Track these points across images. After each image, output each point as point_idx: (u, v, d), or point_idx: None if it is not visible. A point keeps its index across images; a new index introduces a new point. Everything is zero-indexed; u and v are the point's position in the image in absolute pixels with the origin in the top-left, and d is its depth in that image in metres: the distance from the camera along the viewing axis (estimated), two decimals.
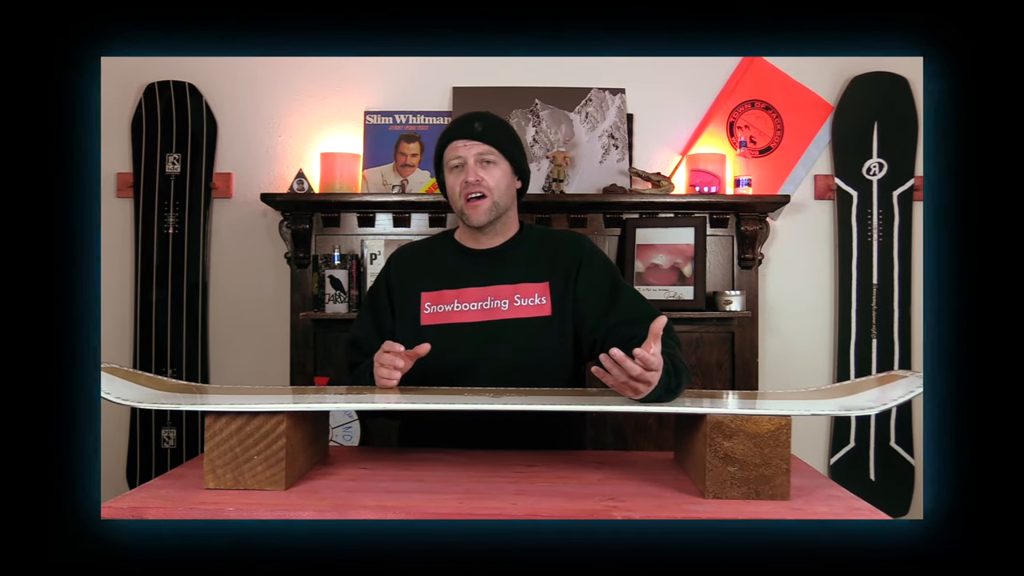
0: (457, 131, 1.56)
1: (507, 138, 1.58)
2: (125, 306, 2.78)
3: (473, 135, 1.54)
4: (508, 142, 1.57)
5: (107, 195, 2.77)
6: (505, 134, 1.59)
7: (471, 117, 1.58)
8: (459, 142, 1.55)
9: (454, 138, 1.56)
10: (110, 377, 1.26)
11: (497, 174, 1.55)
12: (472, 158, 1.53)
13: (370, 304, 1.64)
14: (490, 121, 1.57)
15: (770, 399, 1.34)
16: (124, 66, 2.75)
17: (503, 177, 1.56)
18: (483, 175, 1.53)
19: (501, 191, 1.55)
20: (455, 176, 1.56)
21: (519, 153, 1.60)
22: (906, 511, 2.76)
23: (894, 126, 2.78)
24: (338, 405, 1.28)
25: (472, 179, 1.52)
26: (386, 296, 1.62)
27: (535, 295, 1.55)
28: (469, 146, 1.54)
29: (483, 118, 1.57)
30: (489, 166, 1.54)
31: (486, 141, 1.54)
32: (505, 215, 1.59)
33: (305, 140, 2.81)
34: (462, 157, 1.54)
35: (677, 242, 2.64)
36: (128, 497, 1.14)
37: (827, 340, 2.83)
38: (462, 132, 1.55)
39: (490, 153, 1.54)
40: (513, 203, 1.61)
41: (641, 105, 2.80)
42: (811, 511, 1.11)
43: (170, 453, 2.76)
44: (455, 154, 1.55)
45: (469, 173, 1.53)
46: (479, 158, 1.54)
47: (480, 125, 1.55)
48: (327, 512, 1.08)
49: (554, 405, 1.20)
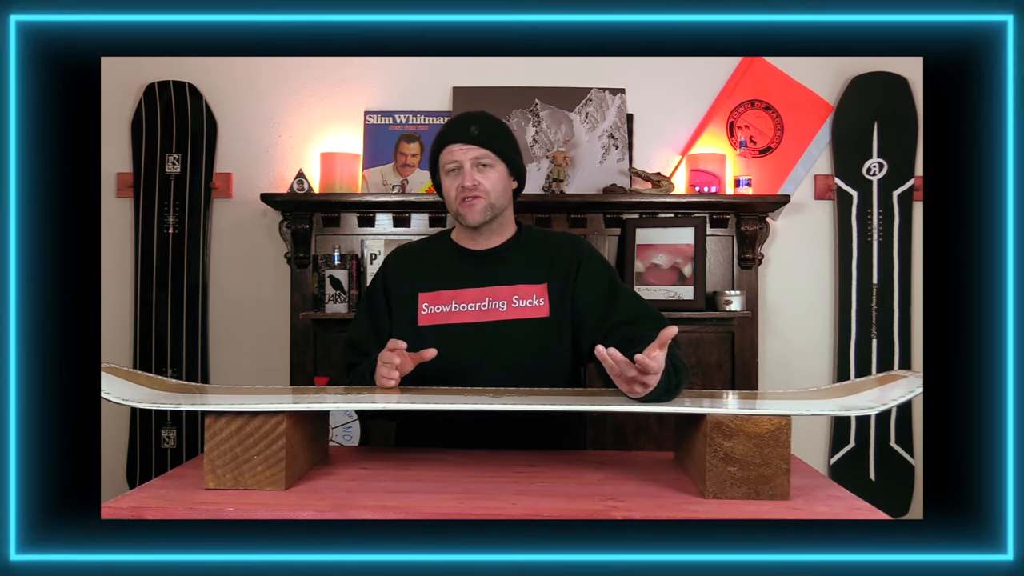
0: (453, 134, 1.56)
1: (503, 140, 1.58)
2: (125, 306, 2.78)
3: (469, 139, 1.54)
4: (504, 144, 1.57)
5: (107, 195, 2.77)
6: (501, 136, 1.58)
7: (467, 120, 1.57)
8: (455, 146, 1.54)
9: (450, 141, 1.55)
10: (110, 377, 1.26)
11: (493, 177, 1.55)
12: (468, 162, 1.53)
13: (367, 305, 1.64)
14: (486, 123, 1.57)
15: (770, 399, 1.34)
16: (124, 66, 2.75)
17: (499, 180, 1.56)
18: (479, 179, 1.53)
19: (498, 193, 1.55)
20: (451, 180, 1.55)
21: (515, 154, 1.60)
22: (906, 511, 2.76)
23: (894, 126, 2.78)
24: (338, 405, 1.28)
25: (468, 184, 1.52)
26: (383, 296, 1.62)
27: (533, 296, 1.55)
28: (465, 150, 1.53)
29: (479, 120, 1.56)
30: (485, 169, 1.54)
31: (482, 144, 1.54)
32: (501, 215, 1.59)
33: (305, 140, 2.81)
34: (458, 161, 1.54)
35: (677, 242, 2.64)
36: (128, 497, 1.14)
37: (827, 340, 2.83)
38: (458, 136, 1.55)
39: (486, 157, 1.54)
40: (510, 204, 1.61)
41: (641, 105, 2.80)
42: (811, 511, 1.10)
43: (170, 453, 2.76)
44: (451, 158, 1.55)
45: (466, 178, 1.53)
46: (475, 162, 1.53)
47: (476, 128, 1.54)
48: (327, 512, 1.08)
49: (554, 405, 1.20)
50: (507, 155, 1.57)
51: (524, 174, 1.64)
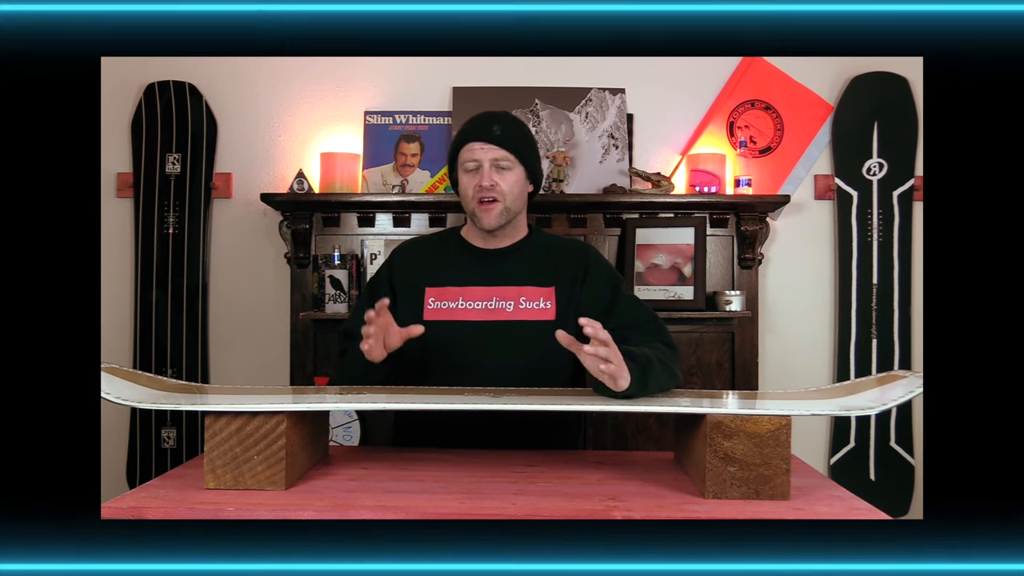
0: (475, 133, 1.56)
1: (524, 143, 1.58)
2: (125, 306, 2.78)
3: (491, 138, 1.54)
4: (525, 147, 1.57)
5: (107, 195, 2.77)
6: (523, 139, 1.58)
7: (490, 119, 1.57)
8: (476, 144, 1.54)
9: (471, 140, 1.55)
10: (110, 377, 1.26)
11: (511, 179, 1.55)
12: (488, 162, 1.53)
13: (369, 294, 1.63)
14: (508, 124, 1.57)
15: (770, 399, 1.34)
16: (124, 66, 2.75)
17: (517, 182, 1.56)
18: (497, 180, 1.53)
19: (514, 196, 1.56)
20: (469, 178, 1.55)
21: (534, 158, 1.60)
22: (906, 511, 2.76)
23: (894, 126, 2.78)
24: (338, 405, 1.28)
25: (486, 184, 1.52)
26: (388, 287, 1.61)
27: (540, 299, 1.55)
28: (486, 149, 1.53)
29: (502, 120, 1.56)
30: (504, 171, 1.54)
31: (503, 146, 1.53)
32: (516, 218, 1.59)
33: (305, 140, 2.81)
34: (478, 160, 1.54)
35: (677, 242, 2.64)
36: (128, 497, 1.14)
37: (827, 340, 2.83)
38: (480, 135, 1.55)
39: (506, 159, 1.54)
40: (524, 207, 1.61)
41: (641, 105, 2.80)
42: (811, 511, 1.10)
43: (170, 453, 2.76)
44: (471, 156, 1.55)
45: (484, 178, 1.53)
46: (495, 163, 1.53)
47: (499, 128, 1.54)
48: (327, 512, 1.08)
49: (554, 405, 1.20)
50: (527, 158, 1.57)
51: (541, 177, 1.64)
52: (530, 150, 1.59)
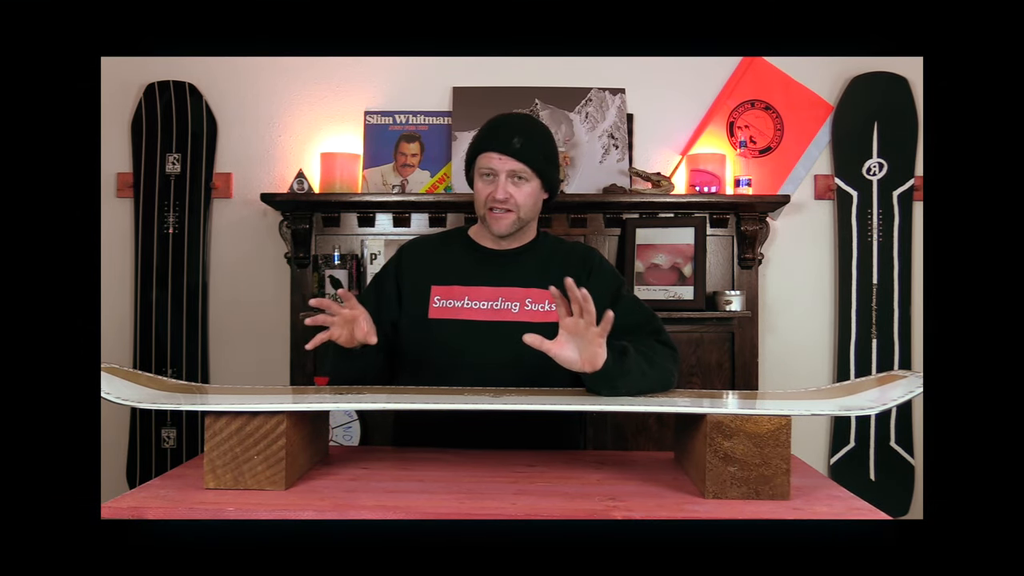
0: (495, 143, 1.53)
1: (543, 155, 1.56)
2: (125, 306, 2.78)
3: (510, 151, 1.52)
4: (543, 160, 1.55)
5: (107, 195, 2.77)
6: (542, 151, 1.56)
7: (511, 130, 1.54)
8: (494, 155, 1.53)
9: (489, 149, 1.53)
10: (110, 377, 1.26)
11: (527, 190, 1.54)
12: (504, 173, 1.52)
13: (374, 290, 1.64)
14: (529, 136, 1.54)
15: (770, 399, 1.34)
16: (124, 66, 2.75)
17: (531, 194, 1.55)
18: (512, 192, 1.53)
19: (528, 208, 1.56)
20: (484, 184, 1.55)
21: (552, 169, 1.58)
22: (906, 511, 2.76)
23: (894, 126, 2.78)
24: (338, 405, 1.28)
25: (500, 196, 1.52)
26: (395, 283, 1.62)
27: (545, 302, 1.55)
28: (504, 160, 1.52)
29: (523, 132, 1.54)
30: (520, 183, 1.53)
31: (521, 159, 1.52)
32: (527, 225, 1.60)
33: (305, 140, 2.81)
34: (495, 170, 1.53)
35: (677, 242, 2.64)
36: (128, 497, 1.14)
37: (827, 340, 2.83)
38: (499, 146, 1.52)
39: (524, 171, 1.53)
40: (537, 214, 1.61)
41: (641, 105, 2.80)
42: (811, 511, 1.10)
43: (170, 453, 2.76)
44: (488, 164, 1.53)
45: (498, 190, 1.52)
46: (511, 174, 1.52)
47: (519, 142, 1.52)
48: (327, 512, 1.08)
49: (554, 405, 1.20)
50: (544, 170, 1.55)
51: (558, 186, 1.63)
52: (549, 163, 1.57)
